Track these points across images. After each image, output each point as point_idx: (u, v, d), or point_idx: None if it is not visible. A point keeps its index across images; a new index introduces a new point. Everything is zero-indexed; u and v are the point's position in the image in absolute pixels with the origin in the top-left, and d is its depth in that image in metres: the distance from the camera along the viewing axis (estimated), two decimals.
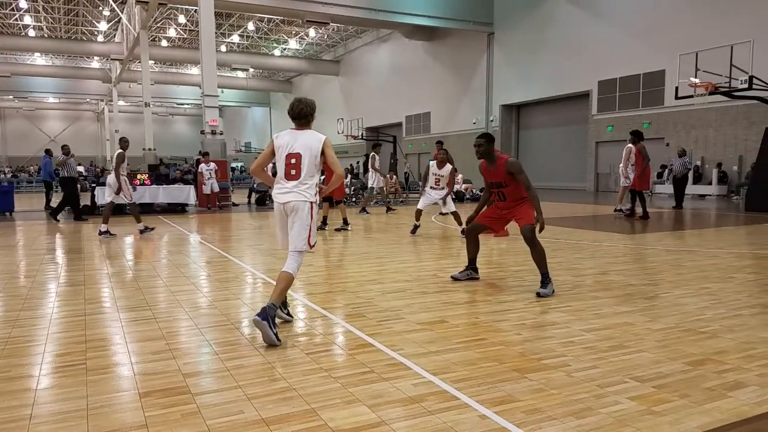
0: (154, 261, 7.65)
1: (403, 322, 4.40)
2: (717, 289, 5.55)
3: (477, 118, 30.91)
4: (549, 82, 26.63)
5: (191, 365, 3.49)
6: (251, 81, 50.91)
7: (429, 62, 34.26)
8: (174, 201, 15.98)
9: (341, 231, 11.06)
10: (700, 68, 14.29)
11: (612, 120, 24.23)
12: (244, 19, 36.24)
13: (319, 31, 38.51)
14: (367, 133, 33.97)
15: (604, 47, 23.83)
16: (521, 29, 27.84)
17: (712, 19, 19.60)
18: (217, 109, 18.99)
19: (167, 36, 40.09)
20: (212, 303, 5.12)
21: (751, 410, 2.78)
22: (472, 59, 31.01)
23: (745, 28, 17.39)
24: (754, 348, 3.72)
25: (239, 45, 42.57)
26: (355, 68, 42.55)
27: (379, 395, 2.98)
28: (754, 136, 17.72)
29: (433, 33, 32.70)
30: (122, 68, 38.23)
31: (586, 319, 4.47)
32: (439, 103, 33.69)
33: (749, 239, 9.39)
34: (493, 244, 9.11)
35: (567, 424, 2.66)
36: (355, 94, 42.45)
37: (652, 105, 22.45)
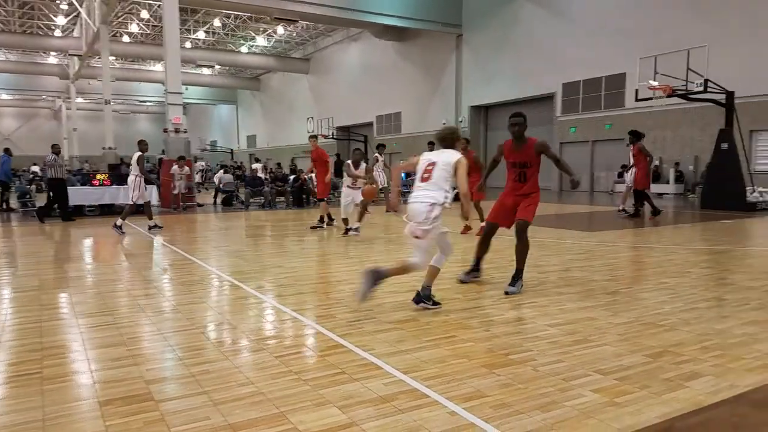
0: (114, 264, 7.50)
1: (374, 322, 4.42)
2: (674, 283, 5.73)
3: (446, 118, 31.12)
4: (515, 83, 26.98)
5: (154, 371, 3.42)
6: (217, 78, 50.14)
7: (399, 62, 34.33)
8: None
9: (317, 229, 10.99)
10: (659, 72, 14.67)
11: (575, 121, 24.71)
12: (210, 15, 35.67)
13: (288, 28, 38.16)
14: (337, 132, 33.86)
15: (568, 50, 24.25)
16: (488, 31, 28.13)
17: (670, 25, 20.15)
18: (181, 107, 18.64)
19: (129, 31, 39.15)
20: (176, 307, 5.04)
21: (707, 399, 2.89)
22: (441, 60, 31.20)
23: (701, 34, 17.91)
24: (710, 339, 3.87)
25: (205, 41, 41.84)
26: (325, 67, 42.31)
27: (350, 396, 2.99)
28: (709, 137, 18.26)
29: (403, 33, 32.77)
30: (81, 64, 37.16)
31: (551, 315, 4.57)
32: (409, 103, 33.79)
33: (704, 236, 9.71)
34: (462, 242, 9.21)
35: (534, 417, 2.72)
36: (325, 93, 42.21)
37: (614, 107, 22.97)
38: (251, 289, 5.70)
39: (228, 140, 57.71)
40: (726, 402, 2.87)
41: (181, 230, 11.65)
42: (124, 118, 62.53)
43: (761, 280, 5.84)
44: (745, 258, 7.35)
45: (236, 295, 5.54)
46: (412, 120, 33.72)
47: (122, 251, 8.75)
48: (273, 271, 6.74)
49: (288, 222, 13.15)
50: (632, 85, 18.42)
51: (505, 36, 27.17)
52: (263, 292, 5.64)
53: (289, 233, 11.00)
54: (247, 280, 6.21)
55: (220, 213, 16.29)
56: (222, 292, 5.80)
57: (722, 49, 17.51)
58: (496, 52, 27.80)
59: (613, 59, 22.37)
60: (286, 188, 18.46)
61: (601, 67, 23.06)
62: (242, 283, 6.00)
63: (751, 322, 4.28)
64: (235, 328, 4.36)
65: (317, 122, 32.61)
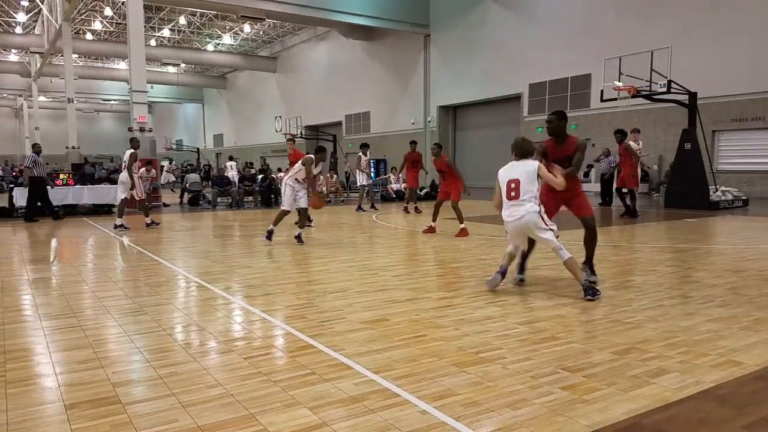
0: (79, 265, 7.31)
1: (345, 322, 4.39)
2: (640, 281, 5.85)
3: (415, 118, 31.24)
4: (483, 84, 27.23)
5: (121, 374, 3.35)
6: (183, 76, 49.34)
7: (368, 62, 34.30)
8: (100, 202, 15.28)
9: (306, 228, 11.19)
10: (624, 72, 14.96)
11: (542, 122, 24.86)
12: (175, 12, 35.10)
13: (255, 26, 37.80)
14: (306, 131, 33.63)
15: (535, 51, 24.59)
16: (456, 32, 28.32)
17: (634, 26, 20.61)
18: (146, 106, 18.31)
19: (92, 29, 38.26)
20: (142, 308, 4.94)
21: (673, 395, 2.95)
22: (410, 60, 31.29)
23: (665, 35, 18.37)
24: (675, 336, 3.95)
25: (170, 39, 41.13)
26: (292, 65, 42.02)
27: (321, 396, 2.97)
28: (673, 137, 18.74)
29: (371, 33, 32.76)
30: (43, 62, 36.21)
31: (520, 313, 4.62)
32: (378, 103, 33.80)
33: (669, 234, 9.94)
34: (435, 242, 9.24)
35: (503, 415, 2.74)
36: (293, 92, 41.91)
37: (580, 107, 23.37)
38: (219, 290, 5.62)
39: (194, 139, 56.84)
40: (692, 398, 2.92)
41: (146, 231, 11.41)
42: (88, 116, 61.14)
43: (724, 277, 6.00)
44: (708, 256, 7.55)
45: (204, 296, 5.45)
46: (381, 119, 33.75)
47: (87, 252, 8.53)
48: (241, 272, 6.66)
49: (256, 222, 13.00)
50: (597, 86, 18.77)
51: (472, 37, 27.40)
52: (231, 292, 5.56)
53: (258, 233, 10.87)
54: (214, 281, 6.11)
55: (186, 213, 16.02)
56: (189, 293, 5.70)
57: (685, 50, 17.97)
58: (463, 52, 28.02)
59: (578, 60, 22.77)
60: (255, 188, 18.28)
61: (567, 68, 23.44)
62: (210, 284, 5.90)
63: (716, 319, 4.39)
64: (203, 329, 4.29)
65: (285, 121, 32.30)
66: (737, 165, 18.62)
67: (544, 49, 24.13)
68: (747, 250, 7.76)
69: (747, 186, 17.74)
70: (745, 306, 4.76)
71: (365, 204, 15.92)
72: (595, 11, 22.22)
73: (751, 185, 17.94)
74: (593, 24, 22.21)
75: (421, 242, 9.27)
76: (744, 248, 7.98)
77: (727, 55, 18.21)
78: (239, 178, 19.31)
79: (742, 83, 17.96)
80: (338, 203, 19.12)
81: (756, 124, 18.05)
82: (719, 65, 18.40)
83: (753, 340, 3.84)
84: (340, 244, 9.06)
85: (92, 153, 45.81)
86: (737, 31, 17.99)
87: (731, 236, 9.44)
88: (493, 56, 26.47)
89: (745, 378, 3.18)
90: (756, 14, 17.55)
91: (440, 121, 30.16)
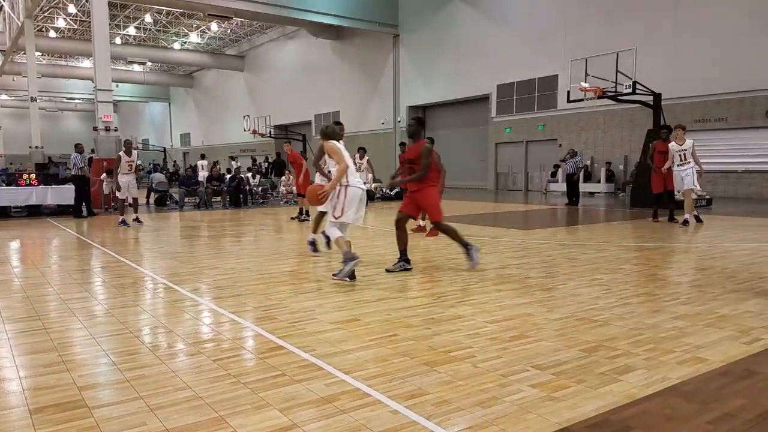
0: (43, 267, 7.11)
1: (316, 323, 4.36)
2: (607, 279, 5.95)
3: (385, 118, 31.28)
4: (452, 84, 27.41)
5: (87, 377, 3.28)
6: (149, 75, 48.45)
7: (337, 61, 34.21)
8: (64, 202, 14.90)
9: (303, 221, 11.99)
10: (590, 74, 15.26)
11: (510, 122, 25.35)
12: (140, 10, 34.43)
13: (222, 25, 37.34)
14: (275, 131, 33.37)
15: (503, 52, 24.86)
16: (425, 32, 28.45)
17: (600, 28, 21.01)
18: (111, 105, 17.92)
19: (55, 26, 37.28)
20: (109, 311, 4.83)
21: (640, 392, 3.00)
22: (379, 60, 31.31)
23: (630, 37, 18.78)
24: (642, 334, 4.03)
25: (136, 37, 40.32)
26: (260, 64, 41.64)
27: (291, 398, 2.94)
28: (638, 137, 19.18)
29: (340, 32, 32.69)
30: (5, 60, 35.17)
31: (490, 312, 4.65)
32: (348, 103, 33.73)
33: (635, 233, 10.15)
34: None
35: (474, 413, 2.75)
36: (261, 91, 41.54)
37: (547, 108, 23.72)
38: (187, 292, 5.53)
39: (161, 138, 55.93)
40: (658, 394, 2.98)
41: (112, 231, 11.17)
42: (52, 116, 59.61)
43: (689, 275, 6.16)
44: (673, 254, 7.73)
45: (171, 297, 5.36)
46: (352, 119, 33.65)
47: (51, 254, 8.31)
48: (209, 273, 6.57)
49: (225, 222, 12.85)
50: (564, 87, 19.10)
51: (441, 37, 27.57)
52: (199, 294, 5.48)
53: (227, 234, 10.75)
54: (182, 282, 6.01)
55: (153, 213, 15.73)
56: (156, 294, 5.60)
57: (650, 52, 18.41)
58: (432, 52, 28.17)
59: (545, 61, 23.11)
60: (223, 188, 18.04)
61: (535, 69, 23.77)
62: (177, 286, 5.81)
63: (681, 316, 4.49)
64: (171, 331, 4.21)
65: (254, 120, 32.01)
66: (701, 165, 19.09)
67: (512, 50, 24.42)
68: (711, 249, 7.97)
69: (711, 185, 18.25)
70: (709, 303, 4.88)
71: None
72: (561, 13, 22.57)
73: (714, 185, 18.46)
74: (560, 25, 22.57)
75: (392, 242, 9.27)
76: (708, 247, 8.19)
77: (691, 57, 18.70)
78: (207, 178, 19.01)
79: (705, 85, 18.46)
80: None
81: (719, 125, 18.57)
82: (683, 67, 18.89)
83: (717, 337, 3.94)
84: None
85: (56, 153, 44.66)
86: (701, 34, 18.49)
87: (695, 235, 9.69)
88: (461, 57, 26.68)
89: (709, 374, 3.26)
90: (718, 18, 18.07)
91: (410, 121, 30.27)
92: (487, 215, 14.01)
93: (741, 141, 18.10)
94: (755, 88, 17.45)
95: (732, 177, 18.28)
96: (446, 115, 29.52)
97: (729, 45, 17.75)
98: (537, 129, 24.25)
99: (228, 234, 10.72)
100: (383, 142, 31.35)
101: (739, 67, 17.65)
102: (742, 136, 18.10)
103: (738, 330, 4.09)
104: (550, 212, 14.58)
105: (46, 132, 32.76)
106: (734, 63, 17.72)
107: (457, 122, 28.88)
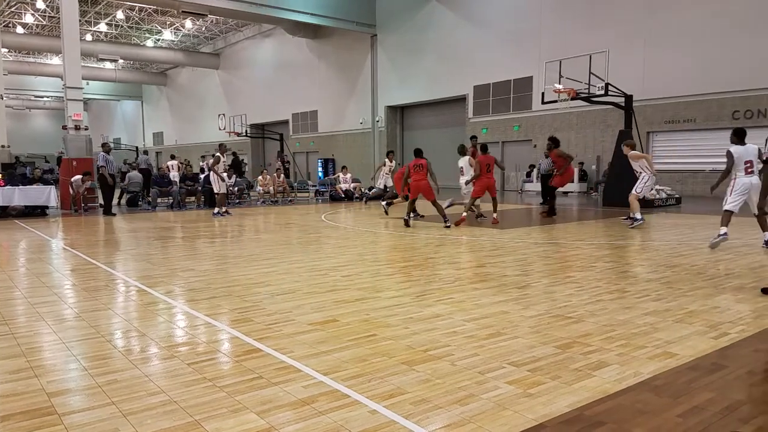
0: (10, 270, 6.94)
1: (294, 324, 4.34)
2: (580, 277, 6.04)
3: (363, 118, 31.24)
4: (429, 85, 27.51)
5: (57, 383, 3.21)
6: (121, 73, 47.58)
7: (314, 60, 34.04)
8: (32, 203, 14.58)
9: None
10: (564, 75, 15.44)
11: (486, 123, 25.55)
12: (112, 7, 33.83)
13: (197, 22, 36.87)
14: (251, 130, 33.08)
15: (479, 53, 25.03)
16: (403, 33, 28.49)
17: (574, 31, 21.29)
18: (81, 103, 17.58)
19: (23, 22, 36.42)
20: (79, 314, 4.74)
21: (613, 387, 3.06)
22: (357, 59, 31.25)
23: (603, 40, 19.05)
24: (614, 330, 4.10)
25: (107, 34, 39.61)
26: (236, 62, 41.22)
27: (269, 401, 2.92)
28: (610, 138, 19.49)
29: (318, 31, 32.53)
30: None
31: (467, 310, 4.68)
32: (326, 102, 33.59)
33: (606, 231, 10.31)
34: (385, 242, 9.26)
35: (452, 411, 2.77)
36: (237, 90, 41.13)
37: (522, 109, 23.97)
38: (160, 294, 5.45)
39: (133, 138, 55.00)
40: (630, 389, 3.04)
41: (83, 233, 10.97)
42: (19, 114, 58.19)
43: (659, 272, 6.27)
44: (643, 252, 7.88)
45: (144, 300, 5.28)
46: (330, 119, 33.59)
47: (18, 256, 8.11)
48: (183, 275, 6.48)
49: (199, 223, 12.70)
50: (539, 88, 19.30)
51: (418, 38, 27.65)
52: (173, 296, 5.41)
53: (201, 235, 10.63)
54: (155, 284, 5.93)
55: (125, 214, 15.48)
56: (129, 297, 5.50)
57: (622, 55, 18.71)
58: (410, 53, 28.24)
59: (520, 63, 23.35)
60: (197, 188, 17.82)
61: (510, 71, 24.00)
62: (150, 288, 5.72)
63: (652, 312, 4.58)
64: (144, 335, 4.15)
65: (229, 119, 31.70)
66: (671, 165, 19.53)
67: (489, 51, 24.61)
68: (680, 247, 8.14)
69: (680, 185, 18.66)
70: (679, 299, 4.99)
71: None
72: (536, 16, 22.82)
73: (683, 184, 18.88)
74: (535, 28, 22.82)
75: (371, 242, 9.28)
76: (677, 244, 8.36)
77: (661, 60, 19.08)
78: (180, 178, 18.75)
79: (674, 87, 18.86)
80: (286, 203, 18.91)
81: (688, 126, 18.99)
82: (654, 69, 19.27)
83: (686, 332, 4.03)
84: (289, 245, 8.96)
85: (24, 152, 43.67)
86: (671, 38, 18.88)
87: (665, 233, 9.88)
88: (439, 57, 26.80)
89: (679, 368, 3.33)
90: (688, 22, 18.46)
91: (388, 122, 30.30)
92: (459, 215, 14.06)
93: (709, 141, 18.53)
94: (722, 90, 17.88)
95: (700, 176, 18.69)
96: (424, 115, 29.62)
97: (698, 49, 18.16)
98: (513, 130, 24.49)
99: (203, 235, 10.60)
100: (361, 141, 31.33)
101: (707, 70, 18.07)
102: (710, 137, 18.53)
103: (706, 325, 4.18)
104: (525, 211, 14.73)
105: (13, 131, 32.00)
106: (703, 66, 18.14)
107: (434, 123, 29.00)
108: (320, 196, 21.22)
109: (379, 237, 9.82)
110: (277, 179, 19.71)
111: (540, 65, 18.19)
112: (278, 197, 19.38)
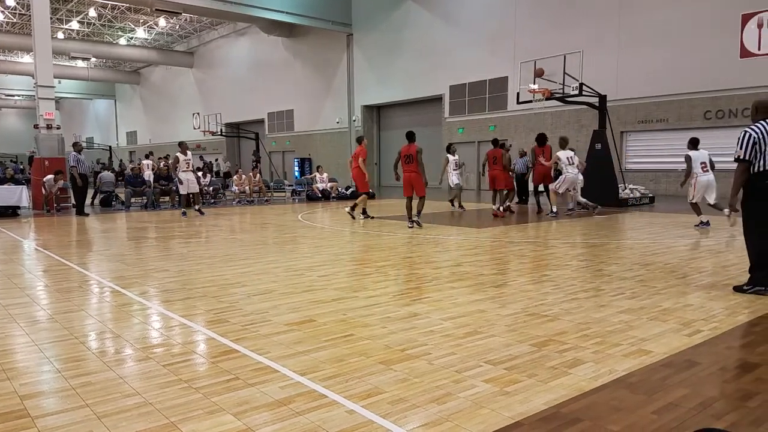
0: None
1: (270, 325, 4.31)
2: (556, 276, 6.11)
3: (340, 117, 31.17)
4: (406, 84, 27.55)
5: (29, 386, 3.15)
6: (93, 71, 46.72)
7: (290, 59, 33.83)
8: (3, 204, 14.24)
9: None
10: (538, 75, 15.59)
11: (462, 123, 25.68)
12: (84, 4, 33.19)
13: (171, 20, 36.39)
14: (226, 129, 32.73)
15: (455, 53, 25.15)
16: (379, 32, 28.49)
17: (549, 31, 21.51)
18: (53, 102, 17.24)
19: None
20: (52, 316, 4.65)
21: (588, 385, 3.10)
22: (333, 58, 31.15)
23: (577, 40, 19.31)
24: (589, 328, 4.15)
25: (79, 32, 38.86)
26: (211, 61, 40.78)
27: (245, 402, 2.90)
28: (584, 137, 19.73)
29: (293, 29, 32.33)
30: None
31: (444, 309, 4.70)
32: (302, 101, 33.42)
33: (581, 230, 10.44)
34: (362, 241, 9.25)
35: (430, 410, 2.78)
36: (212, 88, 40.69)
37: (497, 109, 24.14)
38: (135, 295, 5.37)
39: (106, 137, 54.14)
40: (606, 386, 3.08)
41: (55, 233, 10.75)
42: None
43: (634, 270, 6.38)
44: (618, 250, 7.99)
45: (118, 301, 5.19)
46: (306, 118, 33.43)
47: None
48: (158, 276, 6.40)
49: (173, 223, 12.54)
50: (514, 89, 19.47)
51: (394, 37, 27.68)
52: (148, 297, 5.33)
53: (176, 235, 10.49)
54: (129, 285, 5.84)
55: (98, 214, 15.21)
56: (103, 298, 5.41)
57: (596, 55, 18.96)
58: (386, 53, 28.25)
59: (496, 63, 23.52)
60: (171, 188, 17.58)
61: (486, 71, 24.16)
62: (124, 289, 5.63)
63: (626, 310, 4.65)
64: (119, 336, 4.08)
65: (204, 118, 31.33)
66: (644, 164, 19.86)
67: (464, 51, 24.74)
68: (653, 245, 8.28)
69: (653, 184, 18.98)
70: (653, 297, 5.08)
71: (457, 201, 15.66)
72: (512, 16, 23.01)
73: (656, 183, 19.21)
74: (510, 28, 23.01)
75: (348, 241, 9.27)
76: (651, 243, 8.51)
77: (634, 60, 19.38)
78: (154, 177, 18.48)
79: (647, 87, 19.17)
80: (262, 203, 18.77)
81: (660, 126, 19.32)
82: (627, 70, 19.56)
83: (660, 330, 4.10)
84: (265, 245, 8.90)
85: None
86: (643, 39, 19.18)
87: (639, 232, 10.04)
88: (415, 57, 26.85)
89: (654, 366, 3.39)
90: (660, 24, 18.77)
91: (365, 121, 30.27)
92: (441, 214, 14.14)
93: (681, 141, 18.67)
94: (694, 91, 18.23)
95: (673, 176, 19.01)
96: (400, 115, 29.66)
97: (670, 50, 18.49)
98: (488, 130, 24.64)
99: (177, 235, 10.46)
100: (338, 141, 31.25)
101: (679, 71, 18.41)
102: (682, 137, 18.75)
103: (680, 323, 4.27)
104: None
105: None
106: (675, 67, 18.47)
107: (411, 122, 29.02)
108: (297, 196, 21.11)
109: (356, 236, 9.80)
110: (253, 179, 19.56)
111: (515, 65, 18.33)
112: (254, 197, 19.23)
